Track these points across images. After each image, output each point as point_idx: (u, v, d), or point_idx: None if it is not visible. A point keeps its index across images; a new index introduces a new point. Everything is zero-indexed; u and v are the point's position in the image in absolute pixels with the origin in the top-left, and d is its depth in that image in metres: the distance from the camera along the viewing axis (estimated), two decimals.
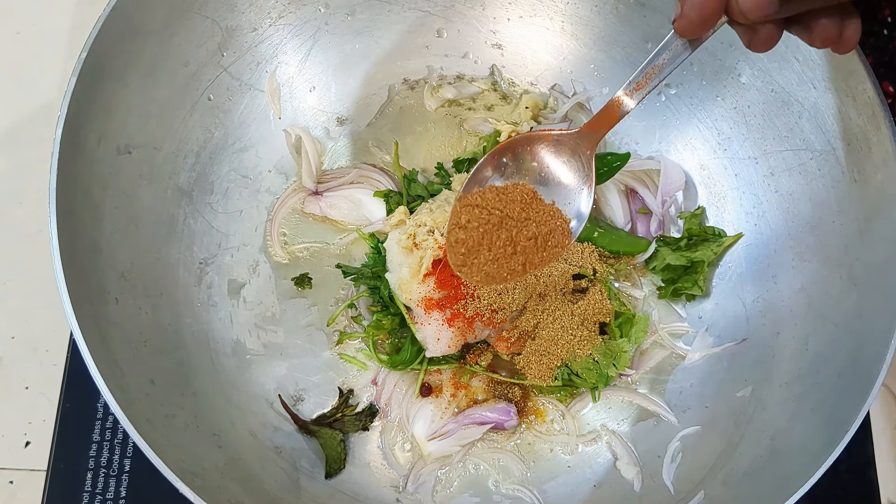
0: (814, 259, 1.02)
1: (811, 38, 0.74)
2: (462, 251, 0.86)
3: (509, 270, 0.87)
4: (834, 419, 0.88)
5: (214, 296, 1.09)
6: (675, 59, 0.78)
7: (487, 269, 0.86)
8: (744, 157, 1.11)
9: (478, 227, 0.86)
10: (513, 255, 0.86)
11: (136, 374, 0.90)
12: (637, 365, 1.11)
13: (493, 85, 1.24)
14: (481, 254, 0.86)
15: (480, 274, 0.87)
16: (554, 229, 0.88)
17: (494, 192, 0.87)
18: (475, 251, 0.86)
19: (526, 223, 0.87)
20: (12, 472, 1.13)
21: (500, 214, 0.86)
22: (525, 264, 0.87)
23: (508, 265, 0.87)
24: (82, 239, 0.90)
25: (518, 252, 0.87)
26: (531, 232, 0.87)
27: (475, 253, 0.86)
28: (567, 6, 1.16)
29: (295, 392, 1.09)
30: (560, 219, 0.88)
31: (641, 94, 0.81)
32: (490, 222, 0.86)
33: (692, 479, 1.00)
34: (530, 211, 0.87)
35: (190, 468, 0.85)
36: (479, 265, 0.86)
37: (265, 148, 1.16)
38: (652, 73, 0.80)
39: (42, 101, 1.30)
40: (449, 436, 1.06)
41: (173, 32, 1.01)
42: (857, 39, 0.74)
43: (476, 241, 0.86)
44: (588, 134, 0.87)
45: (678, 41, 0.77)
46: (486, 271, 0.86)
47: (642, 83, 0.81)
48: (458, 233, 0.86)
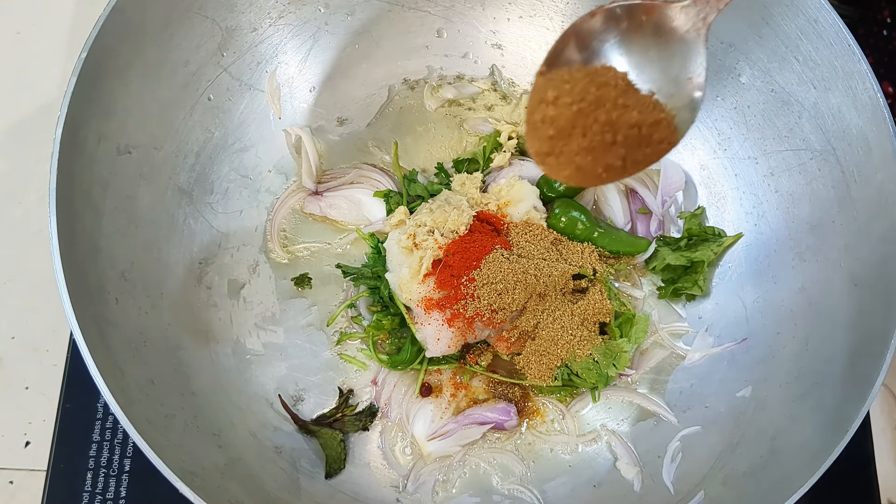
0: (814, 259, 1.02)
1: None
2: (550, 133, 0.69)
3: (606, 166, 0.70)
4: (834, 419, 0.88)
5: (214, 296, 1.09)
6: None
7: (580, 160, 0.70)
8: (744, 157, 1.11)
9: (570, 104, 0.69)
10: (612, 146, 0.70)
11: (136, 374, 0.90)
12: (637, 365, 1.11)
13: (493, 85, 1.24)
14: (574, 139, 0.69)
15: (570, 167, 0.70)
16: (658, 121, 0.72)
17: (583, 73, 0.70)
18: (566, 134, 0.69)
19: (627, 109, 0.70)
20: (12, 472, 1.13)
21: (595, 94, 0.69)
22: (625, 160, 0.71)
23: (606, 158, 0.70)
24: (82, 239, 0.90)
25: (619, 142, 0.70)
26: (634, 119, 0.70)
27: (566, 137, 0.69)
28: (567, 6, 1.16)
29: (295, 392, 1.09)
30: (662, 111, 0.72)
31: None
32: (585, 100, 0.69)
33: (692, 479, 1.00)
34: (628, 98, 0.71)
35: (190, 468, 0.85)
36: (570, 154, 0.69)
37: (265, 148, 1.16)
38: None
39: (42, 101, 1.30)
40: (449, 436, 1.06)
41: (173, 32, 1.01)
42: None
43: (568, 122, 0.69)
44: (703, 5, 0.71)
45: None
46: (577, 163, 0.70)
47: None
48: (544, 109, 0.69)
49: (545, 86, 0.70)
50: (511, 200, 1.11)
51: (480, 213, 1.09)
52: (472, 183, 1.12)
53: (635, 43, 0.72)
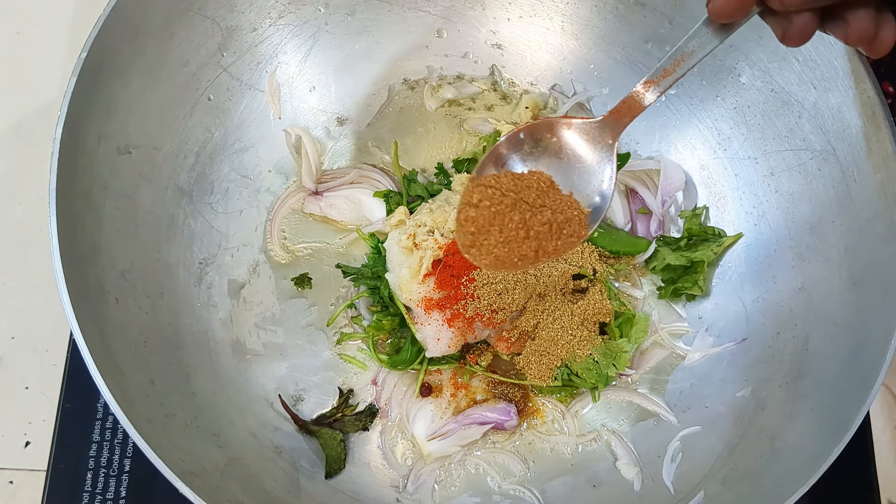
0: (814, 259, 1.02)
1: (847, 32, 0.70)
2: (472, 230, 0.81)
3: (520, 255, 0.82)
4: (834, 419, 0.88)
5: (214, 296, 1.09)
6: (705, 46, 0.75)
7: (497, 251, 0.81)
8: (744, 157, 1.11)
9: (490, 206, 0.80)
10: (525, 240, 0.82)
11: (136, 374, 0.90)
12: (637, 365, 1.11)
13: (493, 85, 1.24)
14: (492, 235, 0.81)
15: (489, 257, 0.82)
16: (570, 219, 0.83)
17: (510, 177, 0.83)
18: (485, 231, 0.81)
19: (541, 209, 0.82)
20: (12, 472, 1.13)
21: (514, 197, 0.81)
22: (538, 251, 0.82)
23: (520, 250, 0.82)
24: (82, 239, 0.90)
25: (531, 237, 0.82)
26: (546, 218, 0.82)
27: (485, 233, 0.81)
28: (567, 6, 1.16)
29: (295, 392, 1.09)
30: (577, 209, 0.84)
31: (668, 81, 0.77)
32: (503, 203, 0.81)
33: (692, 479, 1.00)
34: (546, 199, 0.83)
35: (190, 468, 0.85)
36: (489, 247, 0.81)
37: (265, 148, 1.16)
38: (680, 60, 0.76)
39: (42, 101, 1.30)
40: (449, 436, 1.06)
41: (173, 32, 1.01)
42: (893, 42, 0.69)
43: (487, 221, 0.80)
44: (611, 122, 0.83)
45: (709, 27, 0.74)
46: (495, 254, 0.81)
47: (670, 70, 0.76)
48: (468, 211, 0.81)
49: (472, 191, 0.82)
50: None
51: None
52: None
53: (547, 156, 0.85)
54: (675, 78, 0.77)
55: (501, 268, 0.83)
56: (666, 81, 0.78)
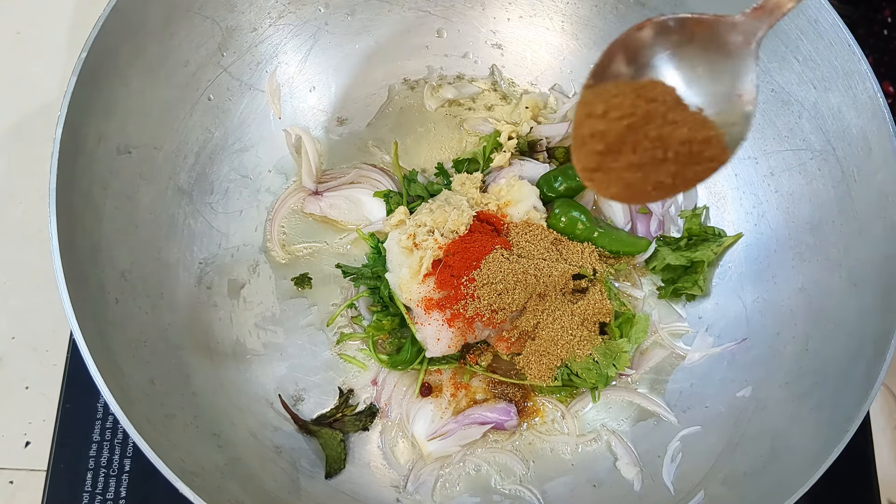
0: (814, 259, 1.02)
1: None
2: (599, 148, 0.67)
3: (655, 184, 0.68)
4: (834, 419, 0.88)
5: (214, 296, 1.09)
6: None
7: (629, 177, 0.68)
8: (744, 157, 1.11)
9: (620, 118, 0.67)
10: (662, 163, 0.67)
11: (136, 374, 0.90)
12: (637, 365, 1.11)
13: (493, 85, 1.24)
14: (623, 155, 0.67)
15: (619, 184, 0.68)
16: (709, 138, 0.69)
17: (631, 88, 0.69)
18: (615, 150, 0.67)
19: (675, 125, 0.68)
20: (12, 472, 1.13)
21: (645, 109, 0.67)
22: (675, 178, 0.69)
23: (656, 175, 0.68)
24: (82, 239, 0.90)
25: (670, 159, 0.68)
26: (684, 135, 0.68)
27: (615, 153, 0.67)
28: (567, 6, 1.16)
29: (295, 392, 1.09)
30: (712, 129, 0.69)
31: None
32: (636, 115, 0.67)
33: (692, 479, 1.00)
34: (677, 115, 0.69)
35: (190, 468, 0.85)
36: (619, 171, 0.67)
37: (265, 148, 1.16)
38: None
39: (42, 101, 1.30)
40: (449, 436, 1.06)
41: (173, 32, 1.01)
42: None
43: (619, 137, 0.67)
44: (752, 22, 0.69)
45: None
46: (626, 180, 0.68)
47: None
48: (594, 124, 0.67)
49: (593, 99, 0.68)
50: (511, 200, 1.11)
51: (480, 213, 1.09)
52: (472, 183, 1.12)
53: (684, 58, 0.71)
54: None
55: (632, 199, 0.71)
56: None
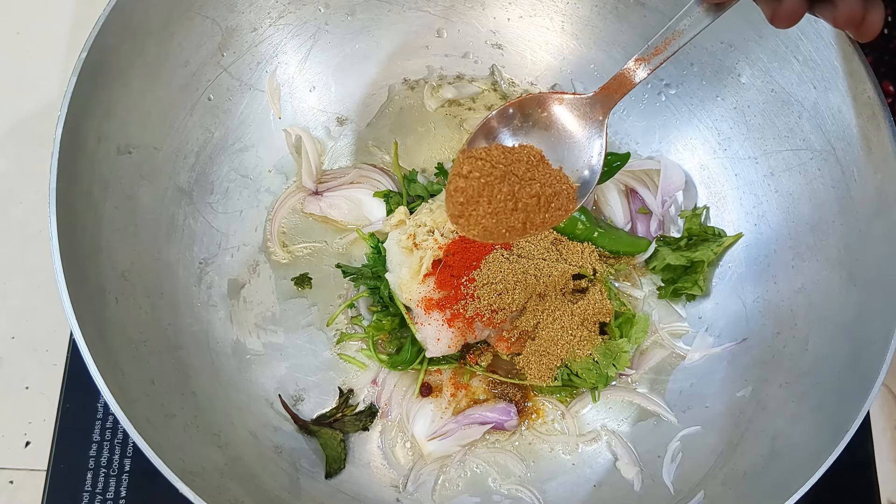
0: (814, 259, 1.02)
1: (835, 15, 0.71)
2: (461, 200, 0.83)
3: (508, 227, 0.84)
4: (834, 419, 0.88)
5: (214, 296, 1.09)
6: (696, 26, 0.76)
7: (485, 222, 0.83)
8: (744, 157, 1.11)
9: (479, 177, 0.82)
10: (513, 212, 0.83)
11: (136, 374, 0.90)
12: (637, 365, 1.11)
13: (493, 85, 1.24)
14: (480, 205, 0.83)
15: (478, 227, 0.84)
16: (559, 192, 0.85)
17: (500, 150, 0.85)
18: (474, 202, 0.83)
19: (530, 182, 0.84)
20: (12, 472, 1.13)
21: (503, 169, 0.83)
22: (525, 223, 0.84)
23: (508, 221, 0.84)
24: (82, 239, 0.90)
25: (519, 209, 0.84)
26: (535, 190, 0.84)
27: (474, 203, 0.83)
28: (567, 6, 1.16)
29: (295, 392, 1.09)
30: (566, 184, 0.85)
31: (659, 59, 0.78)
32: (493, 175, 0.83)
33: (692, 479, 1.00)
34: (536, 172, 0.84)
35: (190, 468, 0.85)
36: (477, 217, 0.83)
37: (265, 148, 1.16)
38: (671, 39, 0.77)
39: (42, 101, 1.30)
40: (449, 436, 1.06)
41: (173, 32, 1.01)
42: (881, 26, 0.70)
43: (476, 192, 0.82)
44: (602, 98, 0.84)
45: (701, 6, 0.75)
46: (483, 224, 0.83)
47: (661, 48, 0.78)
48: (458, 181, 0.83)
49: (462, 162, 0.84)
50: None
51: None
52: None
53: (538, 130, 0.86)
54: (665, 56, 0.78)
55: (490, 238, 0.85)
56: (656, 59, 0.79)
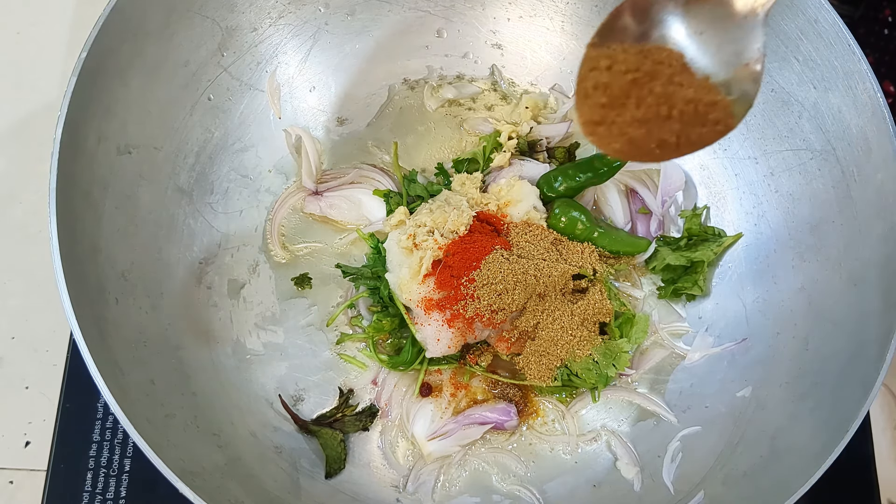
0: (814, 259, 1.02)
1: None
2: (602, 101, 0.66)
3: (659, 141, 0.67)
4: (834, 419, 0.88)
5: (214, 296, 1.09)
6: None
7: (633, 132, 0.66)
8: (744, 157, 1.11)
9: (625, 72, 0.66)
10: (667, 120, 0.66)
11: (136, 374, 0.90)
12: (637, 365, 1.11)
13: (493, 85, 1.24)
14: (627, 109, 0.66)
15: (622, 139, 0.67)
16: (715, 102, 0.68)
17: (636, 50, 0.68)
18: (619, 103, 0.66)
19: (680, 86, 0.67)
20: (12, 472, 1.13)
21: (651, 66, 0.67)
22: (679, 137, 0.67)
23: (660, 132, 0.67)
24: (82, 239, 0.90)
25: (674, 117, 0.67)
26: (690, 95, 0.67)
27: (619, 106, 0.66)
28: (567, 6, 1.16)
29: (295, 392, 1.09)
30: (718, 95, 0.69)
31: None
32: (641, 70, 0.66)
33: (692, 479, 1.00)
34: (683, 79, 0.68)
35: (190, 468, 0.85)
36: (623, 125, 0.66)
37: (265, 148, 1.16)
38: None
39: (42, 101, 1.30)
40: (449, 436, 1.06)
41: (173, 32, 1.01)
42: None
43: (623, 90, 0.65)
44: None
45: None
46: (630, 135, 0.66)
47: None
48: (598, 76, 0.66)
49: (597, 55, 0.67)
50: (511, 200, 1.11)
51: (480, 214, 1.09)
52: (472, 183, 1.12)
53: (692, 23, 0.70)
54: None
55: (636, 156, 0.69)
56: None
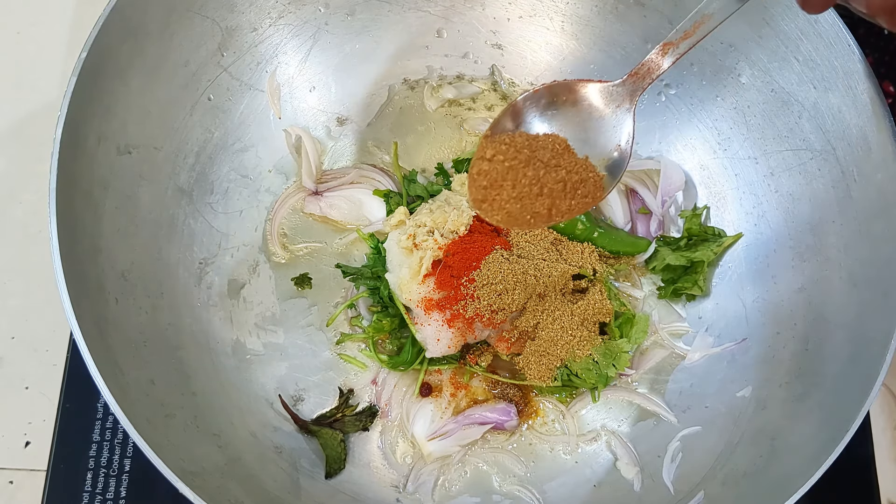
0: (814, 259, 1.02)
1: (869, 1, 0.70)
2: (484, 184, 0.80)
3: (533, 213, 0.81)
4: (834, 419, 0.88)
5: (214, 296, 1.09)
6: (725, 9, 0.74)
7: (509, 207, 0.80)
8: (744, 157, 1.11)
9: (503, 160, 0.79)
10: (538, 197, 0.80)
11: (136, 374, 0.90)
12: (637, 365, 1.11)
13: (493, 85, 1.24)
14: (504, 189, 0.79)
15: (501, 213, 0.81)
16: (585, 180, 0.82)
17: (524, 137, 0.81)
18: (498, 185, 0.79)
19: (556, 168, 0.81)
20: (12, 472, 1.13)
21: (528, 154, 0.80)
22: (551, 209, 0.81)
23: (532, 206, 0.80)
24: (82, 239, 0.90)
25: (545, 194, 0.81)
26: (560, 176, 0.81)
27: (498, 187, 0.80)
28: (567, 6, 1.16)
29: (295, 392, 1.09)
30: (592, 172, 0.82)
31: (687, 44, 0.76)
32: (517, 158, 0.79)
33: (692, 479, 1.00)
34: (561, 160, 0.81)
35: (190, 468, 0.85)
36: (501, 202, 0.80)
37: (265, 148, 1.16)
38: (700, 23, 0.75)
39: (42, 101, 1.30)
40: (449, 436, 1.06)
41: (173, 32, 1.01)
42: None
43: (500, 175, 0.79)
44: (630, 85, 0.81)
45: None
46: (507, 210, 0.80)
47: (690, 32, 0.76)
48: (481, 164, 0.80)
49: (486, 145, 0.81)
50: None
51: None
52: None
53: (564, 117, 0.83)
54: (693, 41, 0.76)
55: (514, 224, 0.82)
56: (685, 44, 0.77)
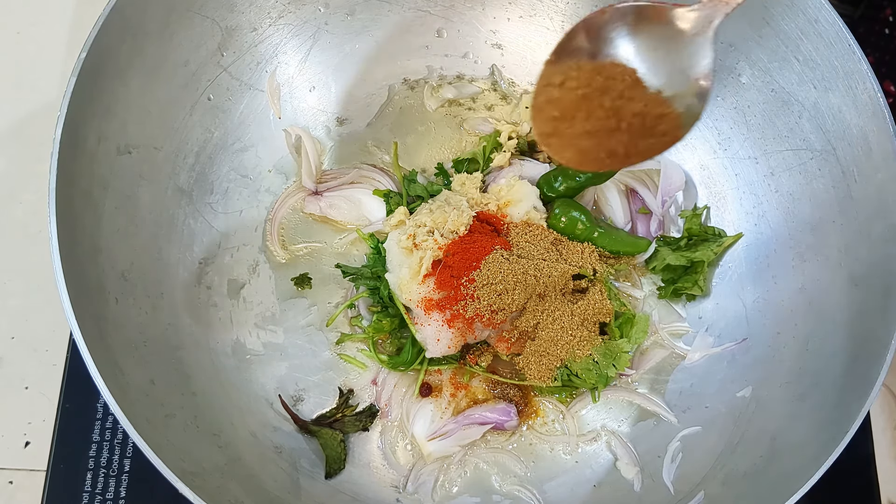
0: (814, 259, 1.02)
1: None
2: (554, 114, 0.70)
3: (608, 151, 0.71)
4: (834, 419, 0.88)
5: (214, 296, 1.09)
6: None
7: (582, 143, 0.70)
8: (744, 156, 1.11)
9: (576, 87, 0.70)
10: (615, 133, 0.70)
11: (136, 374, 0.90)
12: (637, 365, 1.11)
13: (493, 85, 1.24)
14: (577, 121, 0.70)
15: (572, 149, 0.71)
16: (664, 115, 0.72)
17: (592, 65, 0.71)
18: (569, 116, 0.70)
19: (632, 101, 0.71)
20: (12, 472, 1.13)
21: (602, 82, 0.70)
22: (628, 148, 0.71)
23: (608, 144, 0.70)
24: (82, 239, 0.90)
25: (622, 129, 0.71)
26: (639, 109, 0.71)
27: (569, 119, 0.70)
28: (567, 6, 1.16)
29: (295, 392, 1.09)
30: (670, 107, 0.72)
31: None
32: (591, 86, 0.70)
33: (692, 479, 1.00)
34: (634, 93, 0.72)
35: (190, 468, 0.85)
36: (572, 137, 0.70)
37: (265, 148, 1.16)
38: None
39: (42, 101, 1.30)
40: (449, 436, 1.06)
41: (173, 32, 1.01)
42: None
43: (573, 105, 0.69)
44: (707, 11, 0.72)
45: None
46: (578, 146, 0.71)
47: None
48: (550, 91, 0.70)
49: (552, 71, 0.72)
50: (511, 200, 1.11)
51: (480, 214, 1.09)
52: (472, 183, 1.12)
53: (643, 42, 0.74)
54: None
55: (585, 165, 0.73)
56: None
